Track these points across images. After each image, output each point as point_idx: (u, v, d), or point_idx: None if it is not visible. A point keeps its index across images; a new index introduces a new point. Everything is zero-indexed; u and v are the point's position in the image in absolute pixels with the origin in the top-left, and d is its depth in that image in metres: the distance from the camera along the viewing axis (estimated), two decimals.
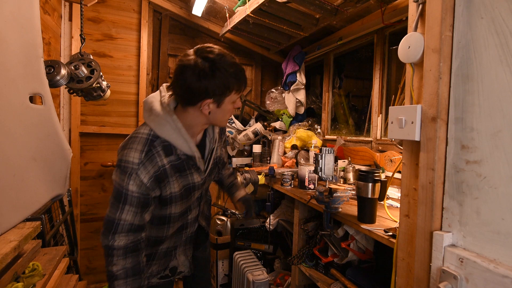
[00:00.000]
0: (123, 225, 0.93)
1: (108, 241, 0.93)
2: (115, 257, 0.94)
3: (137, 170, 0.90)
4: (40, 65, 1.22)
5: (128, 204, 0.92)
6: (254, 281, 1.67)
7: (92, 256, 2.57)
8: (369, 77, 2.05)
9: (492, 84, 0.65)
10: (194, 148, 1.00)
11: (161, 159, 0.95)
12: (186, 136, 0.97)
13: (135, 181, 0.91)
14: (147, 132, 0.96)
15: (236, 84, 0.95)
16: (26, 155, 1.10)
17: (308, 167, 1.75)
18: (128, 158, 0.91)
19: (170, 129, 0.96)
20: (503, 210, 0.62)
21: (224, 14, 2.48)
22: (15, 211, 1.02)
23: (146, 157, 0.92)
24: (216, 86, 0.91)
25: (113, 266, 0.94)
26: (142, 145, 0.93)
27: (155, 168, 0.94)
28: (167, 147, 0.96)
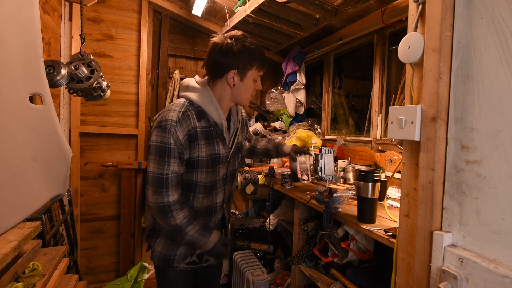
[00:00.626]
0: (172, 177, 1.04)
1: (163, 198, 1.03)
2: (174, 211, 1.05)
3: (175, 127, 1.03)
4: (40, 65, 1.22)
5: (172, 157, 1.04)
6: (254, 281, 1.68)
7: (92, 256, 2.57)
8: (369, 77, 2.05)
9: (492, 84, 0.65)
10: (222, 116, 1.13)
11: (193, 121, 1.08)
12: (216, 105, 1.12)
13: (173, 136, 1.03)
14: (183, 100, 1.12)
15: (257, 60, 1.11)
16: (26, 155, 1.10)
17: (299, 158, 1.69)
18: (167, 117, 1.05)
19: (204, 97, 1.11)
20: (503, 210, 0.62)
21: (224, 14, 2.48)
22: (15, 211, 1.01)
23: (182, 116, 1.06)
24: (240, 58, 1.07)
25: (176, 220, 1.05)
26: (179, 107, 1.08)
27: (188, 127, 1.06)
28: (200, 112, 1.10)
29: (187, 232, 1.07)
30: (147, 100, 2.64)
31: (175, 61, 2.81)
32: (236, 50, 1.07)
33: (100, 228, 2.58)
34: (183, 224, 1.06)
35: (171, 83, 2.71)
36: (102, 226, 2.59)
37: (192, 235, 1.08)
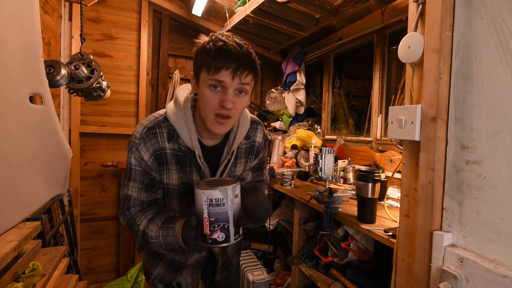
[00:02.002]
0: (134, 200, 0.94)
1: (126, 216, 0.95)
2: (136, 219, 0.93)
3: (138, 145, 0.90)
4: (40, 65, 1.22)
5: (132, 180, 0.93)
6: (254, 281, 1.68)
7: (92, 256, 2.57)
8: (369, 77, 2.05)
9: (492, 84, 0.65)
10: (195, 142, 0.93)
11: (162, 141, 0.93)
12: (190, 126, 0.93)
13: (135, 155, 0.91)
14: (160, 113, 0.96)
15: (206, 61, 0.83)
16: (26, 155, 1.10)
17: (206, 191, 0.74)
18: (133, 133, 0.93)
19: (179, 114, 0.93)
20: (503, 210, 0.62)
21: (224, 14, 2.48)
22: (15, 211, 1.01)
23: (147, 133, 0.91)
24: (195, 59, 0.90)
25: (140, 227, 0.91)
26: (149, 121, 0.93)
27: (154, 146, 0.92)
28: (171, 132, 0.93)
29: (150, 234, 0.88)
30: (147, 100, 2.64)
31: (175, 61, 2.81)
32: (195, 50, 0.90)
33: (100, 228, 2.58)
34: (146, 226, 0.90)
35: (171, 83, 2.71)
36: (102, 226, 2.59)
37: (156, 235, 0.87)
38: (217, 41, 0.85)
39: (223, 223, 0.74)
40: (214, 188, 0.73)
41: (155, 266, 1.08)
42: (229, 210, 0.75)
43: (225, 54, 0.82)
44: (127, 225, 0.96)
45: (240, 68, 0.82)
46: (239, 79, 0.83)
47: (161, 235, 0.87)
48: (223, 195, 0.74)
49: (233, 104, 0.83)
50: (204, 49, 0.85)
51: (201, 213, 0.75)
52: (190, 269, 1.10)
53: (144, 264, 1.13)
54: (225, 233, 0.75)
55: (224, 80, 0.82)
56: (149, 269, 1.10)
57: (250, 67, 0.84)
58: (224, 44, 0.83)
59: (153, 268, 1.09)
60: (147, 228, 0.89)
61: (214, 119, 0.86)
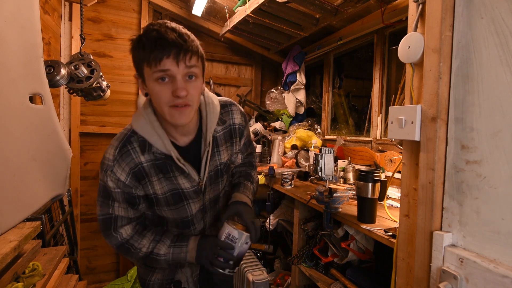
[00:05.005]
0: (122, 218, 0.90)
1: (116, 239, 0.90)
2: (135, 244, 0.91)
3: (112, 168, 0.86)
4: (40, 65, 1.22)
5: (116, 200, 0.89)
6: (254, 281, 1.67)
7: (92, 256, 2.57)
8: (369, 77, 2.05)
9: (492, 84, 0.65)
10: (169, 146, 0.88)
11: (137, 156, 0.88)
12: (159, 131, 0.87)
13: (111, 177, 0.87)
14: (128, 127, 0.91)
15: (144, 55, 0.78)
16: (26, 155, 1.10)
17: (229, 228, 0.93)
18: (105, 155, 0.89)
19: (144, 122, 0.88)
20: (503, 210, 0.62)
21: (224, 14, 2.48)
22: (15, 211, 1.01)
23: (119, 154, 0.87)
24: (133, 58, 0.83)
25: (142, 249, 0.91)
26: (118, 141, 0.89)
27: (130, 165, 0.88)
28: (142, 143, 0.88)
29: (158, 252, 0.91)
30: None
31: None
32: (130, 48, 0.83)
33: None
34: (151, 247, 0.92)
35: None
36: None
37: (166, 253, 0.91)
38: (149, 32, 0.78)
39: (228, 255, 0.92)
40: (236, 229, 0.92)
41: (151, 273, 1.06)
42: (236, 249, 0.92)
43: (161, 42, 0.76)
44: (119, 248, 0.92)
45: (181, 52, 0.77)
46: (184, 64, 0.78)
47: (172, 252, 0.92)
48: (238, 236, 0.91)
49: (186, 91, 0.79)
50: (138, 44, 0.79)
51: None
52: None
53: (139, 274, 1.10)
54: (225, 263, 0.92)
55: (169, 68, 0.77)
56: (145, 278, 1.07)
57: (192, 49, 0.79)
58: (157, 32, 0.77)
59: (150, 275, 1.06)
60: (155, 248, 0.92)
61: (171, 110, 0.82)
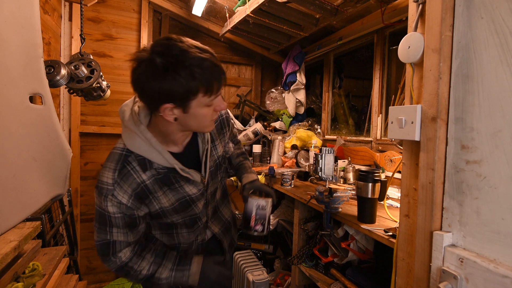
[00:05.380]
0: (120, 244, 0.88)
1: (115, 263, 0.89)
2: (134, 266, 0.90)
3: (112, 191, 0.83)
4: (40, 65, 1.22)
5: (114, 226, 0.86)
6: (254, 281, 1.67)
7: (92, 256, 2.57)
8: (369, 77, 2.05)
9: (492, 84, 0.65)
10: (171, 159, 0.87)
11: (138, 175, 0.86)
12: (158, 147, 0.85)
13: (112, 202, 0.83)
14: (121, 147, 0.87)
15: (203, 85, 0.77)
16: (26, 155, 1.10)
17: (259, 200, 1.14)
18: (102, 178, 0.84)
19: (140, 141, 0.85)
20: (503, 210, 0.62)
21: (224, 14, 2.48)
22: (15, 211, 1.02)
23: (119, 176, 0.84)
24: (173, 88, 0.75)
25: (142, 272, 0.90)
26: (115, 162, 0.85)
27: (132, 186, 0.85)
28: (142, 162, 0.86)
29: (160, 277, 0.91)
30: None
31: None
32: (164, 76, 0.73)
33: None
34: (152, 270, 0.91)
35: None
36: None
37: (167, 277, 0.91)
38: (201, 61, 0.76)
39: (263, 220, 1.15)
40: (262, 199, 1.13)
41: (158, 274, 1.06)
42: (267, 214, 1.15)
43: (218, 71, 0.79)
44: (118, 271, 0.90)
45: (224, 74, 0.82)
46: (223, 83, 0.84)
47: (173, 276, 0.92)
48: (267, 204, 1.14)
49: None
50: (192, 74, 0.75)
51: (250, 213, 1.13)
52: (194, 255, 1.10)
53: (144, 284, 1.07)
54: (262, 227, 1.15)
55: (220, 92, 0.84)
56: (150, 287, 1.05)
57: None
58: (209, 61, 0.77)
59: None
60: (156, 271, 0.91)
61: (210, 123, 0.89)
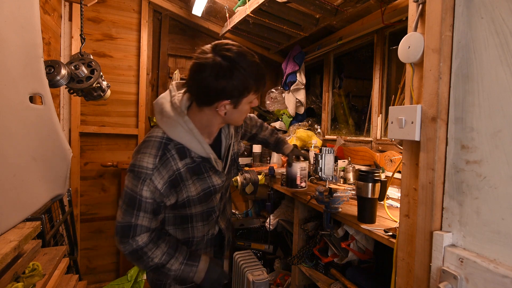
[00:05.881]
0: (141, 228, 0.91)
1: (131, 246, 0.91)
2: (148, 252, 0.93)
3: (151, 176, 0.87)
4: (40, 65, 1.22)
5: (142, 210, 0.89)
6: (254, 281, 1.67)
7: (92, 256, 2.57)
8: (369, 77, 2.05)
9: (492, 84, 0.65)
10: (209, 149, 0.96)
11: (175, 163, 0.92)
12: (199, 138, 0.94)
13: (149, 187, 0.88)
14: (160, 135, 0.93)
15: (255, 85, 0.91)
16: (26, 155, 1.10)
17: (299, 164, 1.68)
18: (141, 163, 0.88)
19: (182, 131, 0.92)
20: (503, 210, 0.62)
21: (224, 14, 2.48)
22: (15, 211, 1.02)
23: (160, 162, 0.89)
24: (234, 87, 0.87)
25: (154, 259, 0.93)
26: (156, 149, 0.90)
27: (169, 172, 0.91)
28: (181, 150, 0.93)
29: (170, 268, 0.95)
30: (147, 100, 2.64)
31: (175, 61, 2.81)
32: (229, 75, 0.85)
33: (100, 228, 2.58)
34: (164, 260, 0.94)
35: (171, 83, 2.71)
36: (102, 226, 2.59)
37: (177, 269, 0.96)
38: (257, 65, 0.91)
39: (305, 178, 1.69)
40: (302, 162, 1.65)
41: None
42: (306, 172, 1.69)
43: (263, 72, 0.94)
44: (131, 254, 0.93)
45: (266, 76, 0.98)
46: None
47: (182, 269, 0.96)
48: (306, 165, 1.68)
49: None
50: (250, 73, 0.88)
51: (295, 173, 1.65)
52: (203, 249, 1.13)
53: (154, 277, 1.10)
54: (305, 183, 1.68)
55: None
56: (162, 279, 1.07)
57: None
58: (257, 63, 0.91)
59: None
60: (168, 262, 0.94)
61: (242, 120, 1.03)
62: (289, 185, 1.64)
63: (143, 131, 2.61)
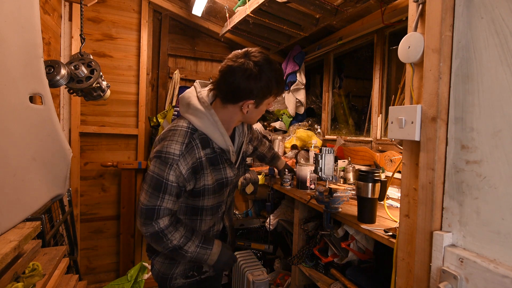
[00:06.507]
0: (164, 210, 0.97)
1: (153, 227, 0.97)
2: (168, 235, 0.99)
3: (178, 161, 0.95)
4: (40, 65, 1.22)
5: (168, 193, 0.96)
6: (254, 281, 1.67)
7: (92, 256, 2.57)
8: (369, 77, 2.05)
9: (492, 84, 0.65)
10: (229, 141, 1.05)
11: (198, 151, 1.00)
12: (222, 130, 1.03)
13: (175, 171, 0.95)
14: (186, 125, 1.02)
15: (276, 88, 1.03)
16: (26, 155, 1.10)
17: (308, 167, 1.74)
18: (169, 150, 0.95)
19: (208, 122, 1.01)
20: (503, 210, 0.62)
21: (224, 14, 2.48)
22: (15, 211, 1.01)
23: (186, 149, 0.97)
24: (261, 88, 0.99)
25: (173, 241, 0.99)
26: (182, 137, 0.98)
27: (193, 159, 0.98)
28: (204, 140, 1.02)
29: (187, 250, 1.02)
30: (147, 100, 2.64)
31: (175, 61, 2.81)
32: (258, 77, 0.98)
33: (100, 228, 2.58)
34: (181, 242, 1.01)
35: (171, 83, 2.71)
36: (102, 226, 2.59)
37: (193, 251, 1.03)
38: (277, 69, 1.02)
39: (315, 181, 1.73)
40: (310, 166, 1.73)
41: (176, 267, 1.14)
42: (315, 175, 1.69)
43: (283, 79, 1.09)
44: (152, 236, 0.98)
45: None
46: None
47: (197, 252, 1.04)
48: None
49: None
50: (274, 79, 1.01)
51: (305, 177, 1.72)
52: None
53: (160, 271, 1.14)
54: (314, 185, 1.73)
55: None
56: (168, 272, 1.13)
57: None
58: (280, 70, 1.05)
59: (174, 269, 1.13)
60: (185, 245, 1.01)
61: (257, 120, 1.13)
62: (300, 186, 1.75)
63: (143, 131, 2.61)
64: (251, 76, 0.96)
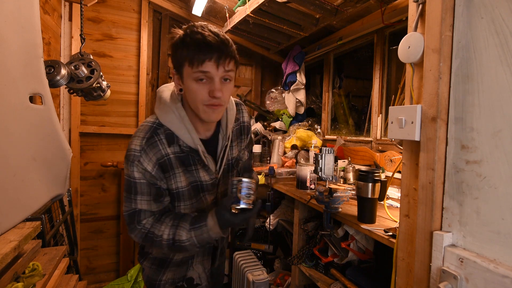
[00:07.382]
0: (144, 212, 0.92)
1: (139, 231, 0.92)
2: (155, 230, 0.92)
3: (139, 157, 0.89)
4: (40, 65, 1.22)
5: (139, 194, 0.91)
6: (254, 281, 1.67)
7: (92, 256, 2.57)
8: (369, 77, 2.05)
9: (492, 84, 0.65)
10: (197, 139, 0.95)
11: (164, 148, 0.92)
12: (189, 126, 0.93)
13: (138, 168, 0.89)
14: (152, 120, 0.95)
15: (187, 55, 0.84)
16: (26, 155, 1.10)
17: (308, 167, 1.74)
18: (131, 146, 0.90)
19: (173, 117, 0.93)
20: (503, 210, 0.62)
21: (224, 14, 2.48)
22: (15, 211, 1.02)
23: (147, 144, 0.90)
24: (174, 53, 0.89)
25: (163, 236, 0.92)
26: (144, 132, 0.92)
27: (157, 155, 0.91)
28: (169, 136, 0.93)
29: (181, 239, 0.91)
30: (147, 100, 2.64)
31: None
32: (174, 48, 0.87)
33: (100, 228, 2.58)
34: (171, 234, 0.92)
35: None
36: (102, 226, 2.59)
37: (188, 238, 0.92)
38: (194, 34, 0.84)
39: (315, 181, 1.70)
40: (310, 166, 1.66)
41: (162, 273, 1.08)
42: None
43: (205, 46, 0.83)
44: (144, 240, 0.93)
45: (222, 57, 0.84)
46: (223, 68, 0.86)
47: (194, 236, 0.91)
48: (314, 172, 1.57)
49: (222, 92, 0.87)
50: (182, 43, 0.85)
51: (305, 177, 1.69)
52: (199, 257, 1.11)
53: (148, 277, 1.10)
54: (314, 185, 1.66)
55: (209, 70, 0.84)
56: (155, 278, 1.07)
57: (231, 54, 0.87)
58: (202, 36, 0.83)
59: (161, 275, 1.07)
60: (176, 234, 0.92)
61: (206, 108, 0.89)
62: (300, 186, 1.75)
63: None
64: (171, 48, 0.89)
